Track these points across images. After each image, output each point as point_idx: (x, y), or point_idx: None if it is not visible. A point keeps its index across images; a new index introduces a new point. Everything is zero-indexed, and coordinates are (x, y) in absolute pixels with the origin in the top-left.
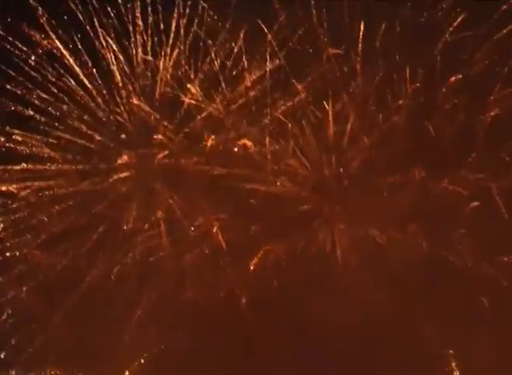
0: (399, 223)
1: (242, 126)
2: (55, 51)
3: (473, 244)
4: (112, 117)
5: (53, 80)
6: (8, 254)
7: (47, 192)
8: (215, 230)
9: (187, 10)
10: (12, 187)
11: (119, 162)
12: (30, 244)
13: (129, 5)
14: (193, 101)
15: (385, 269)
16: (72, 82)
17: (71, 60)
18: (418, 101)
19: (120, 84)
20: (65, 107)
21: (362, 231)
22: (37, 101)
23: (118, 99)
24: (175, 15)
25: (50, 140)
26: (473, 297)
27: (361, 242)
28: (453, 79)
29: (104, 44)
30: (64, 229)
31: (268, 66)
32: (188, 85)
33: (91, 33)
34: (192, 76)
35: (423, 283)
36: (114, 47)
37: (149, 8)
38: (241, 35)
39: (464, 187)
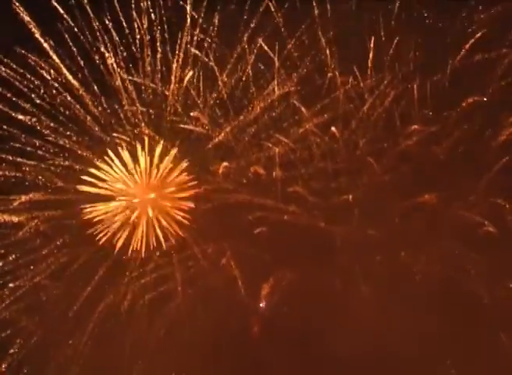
0: (411, 250)
1: (252, 154)
2: (63, 80)
3: (487, 270)
4: (120, 146)
5: (61, 109)
6: (18, 284)
7: (54, 222)
8: (226, 259)
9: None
10: (21, 217)
11: (128, 190)
12: (40, 273)
13: (138, 37)
14: (201, 130)
15: (399, 297)
16: (82, 111)
17: (79, 88)
18: (429, 127)
19: (128, 113)
20: (73, 136)
21: (374, 258)
22: (45, 131)
23: (126, 127)
24: (183, 44)
25: (58, 169)
26: (490, 330)
27: (373, 269)
28: (464, 104)
29: (113, 73)
30: (74, 258)
31: (277, 93)
32: (196, 113)
33: (100, 63)
34: (201, 105)
35: (437, 312)
36: (122, 75)
37: (157, 37)
38: (249, 63)
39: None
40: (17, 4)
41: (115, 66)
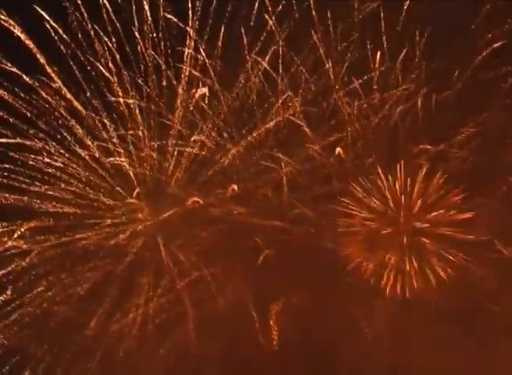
0: None
1: (259, 176)
2: (67, 105)
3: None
4: (127, 171)
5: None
6: (26, 310)
7: (60, 250)
8: (233, 281)
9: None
10: (27, 244)
11: (134, 216)
12: (47, 300)
13: (142, 65)
14: (205, 153)
15: (410, 313)
16: (90, 140)
17: (85, 113)
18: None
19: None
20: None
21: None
22: (52, 157)
23: (132, 151)
24: (188, 67)
25: (64, 195)
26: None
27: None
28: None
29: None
30: (81, 284)
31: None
32: (201, 137)
33: (105, 89)
34: (205, 128)
35: (450, 326)
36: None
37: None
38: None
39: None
40: (19, 30)
41: (119, 91)
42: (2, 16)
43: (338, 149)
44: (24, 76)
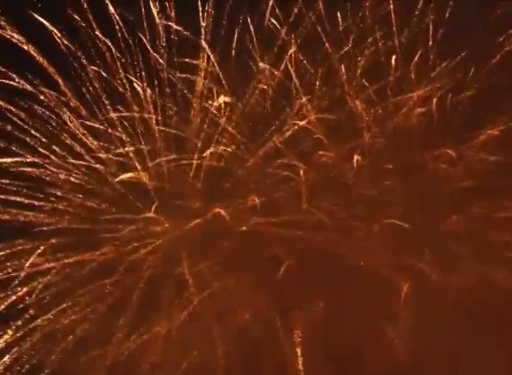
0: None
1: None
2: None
3: None
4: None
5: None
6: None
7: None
8: (254, 291)
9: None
10: (49, 262)
11: (153, 230)
12: (70, 316)
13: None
14: (223, 165)
15: (432, 318)
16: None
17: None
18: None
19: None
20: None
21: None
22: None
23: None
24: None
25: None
26: None
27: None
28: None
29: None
30: (103, 300)
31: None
32: (218, 148)
33: (120, 103)
34: (221, 139)
35: (472, 332)
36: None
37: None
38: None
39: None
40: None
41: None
42: (16, 35)
43: (356, 157)
44: (39, 94)
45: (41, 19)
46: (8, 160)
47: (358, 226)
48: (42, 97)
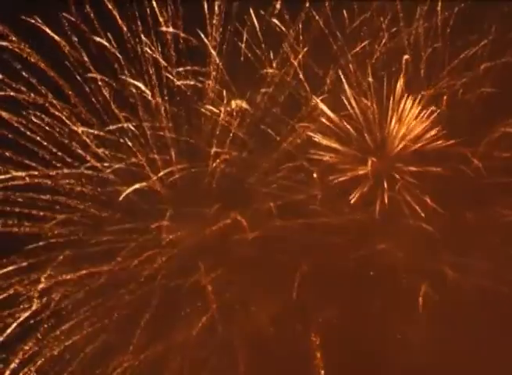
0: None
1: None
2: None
3: None
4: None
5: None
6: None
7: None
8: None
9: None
10: (66, 273)
11: (168, 238)
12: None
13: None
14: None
15: (448, 318)
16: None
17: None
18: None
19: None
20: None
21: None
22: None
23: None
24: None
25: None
26: None
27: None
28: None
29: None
30: (120, 310)
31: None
32: (230, 154)
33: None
34: (233, 145)
35: (489, 331)
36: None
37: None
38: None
39: None
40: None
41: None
42: (28, 49)
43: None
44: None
45: (49, 31)
46: (23, 174)
47: (374, 228)
48: (52, 109)
